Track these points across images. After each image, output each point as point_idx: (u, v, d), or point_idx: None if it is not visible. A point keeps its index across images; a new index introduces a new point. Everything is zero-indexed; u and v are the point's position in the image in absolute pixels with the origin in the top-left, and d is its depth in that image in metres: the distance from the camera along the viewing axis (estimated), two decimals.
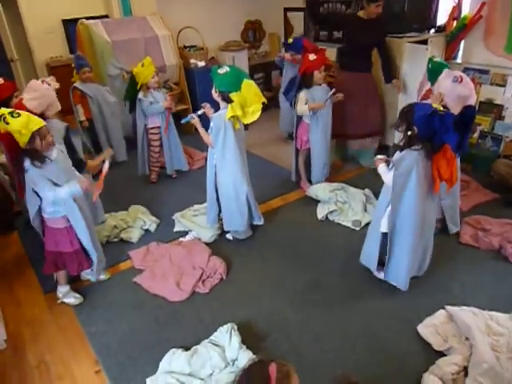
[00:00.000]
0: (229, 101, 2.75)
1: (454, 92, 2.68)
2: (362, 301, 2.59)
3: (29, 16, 5.03)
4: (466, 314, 2.28)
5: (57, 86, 2.93)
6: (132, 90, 3.84)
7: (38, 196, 2.37)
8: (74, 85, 4.21)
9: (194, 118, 2.95)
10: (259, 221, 3.28)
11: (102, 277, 2.86)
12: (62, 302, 2.70)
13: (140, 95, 3.80)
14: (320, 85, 3.57)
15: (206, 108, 2.96)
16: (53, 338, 2.48)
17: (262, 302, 2.63)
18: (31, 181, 2.30)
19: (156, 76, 3.80)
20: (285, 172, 4.19)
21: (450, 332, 2.24)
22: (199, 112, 2.97)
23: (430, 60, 3.25)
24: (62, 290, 2.70)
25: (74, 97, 4.25)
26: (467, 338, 2.17)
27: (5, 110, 2.19)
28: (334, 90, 3.56)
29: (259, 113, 2.81)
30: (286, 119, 4.91)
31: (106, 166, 2.46)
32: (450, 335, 2.22)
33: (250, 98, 2.75)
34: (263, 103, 2.81)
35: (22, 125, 2.17)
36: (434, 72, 3.01)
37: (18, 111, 2.21)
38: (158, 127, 3.97)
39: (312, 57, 3.43)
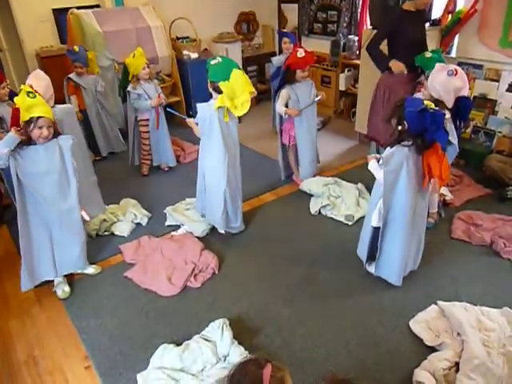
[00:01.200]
0: (219, 91, 2.75)
1: (449, 85, 2.66)
2: (355, 296, 2.59)
3: (18, 5, 4.92)
4: (458, 310, 2.28)
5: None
6: (125, 81, 3.79)
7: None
8: (69, 75, 4.15)
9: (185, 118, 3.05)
10: (235, 223, 3.18)
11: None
12: (55, 292, 2.68)
13: (129, 87, 3.74)
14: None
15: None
16: (42, 333, 2.45)
17: (255, 297, 2.61)
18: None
19: (147, 67, 3.74)
20: (278, 166, 4.16)
21: (441, 327, 2.24)
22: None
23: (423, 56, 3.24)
24: (56, 278, 2.68)
25: (68, 87, 4.19)
26: (459, 334, 2.17)
27: (25, 87, 2.30)
28: (319, 98, 3.53)
29: (249, 103, 2.76)
30: None
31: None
32: (442, 331, 2.22)
33: (237, 88, 2.71)
34: (257, 94, 2.79)
35: (24, 105, 2.25)
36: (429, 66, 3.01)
37: (35, 93, 2.29)
38: (148, 119, 3.92)
39: (300, 53, 3.33)
